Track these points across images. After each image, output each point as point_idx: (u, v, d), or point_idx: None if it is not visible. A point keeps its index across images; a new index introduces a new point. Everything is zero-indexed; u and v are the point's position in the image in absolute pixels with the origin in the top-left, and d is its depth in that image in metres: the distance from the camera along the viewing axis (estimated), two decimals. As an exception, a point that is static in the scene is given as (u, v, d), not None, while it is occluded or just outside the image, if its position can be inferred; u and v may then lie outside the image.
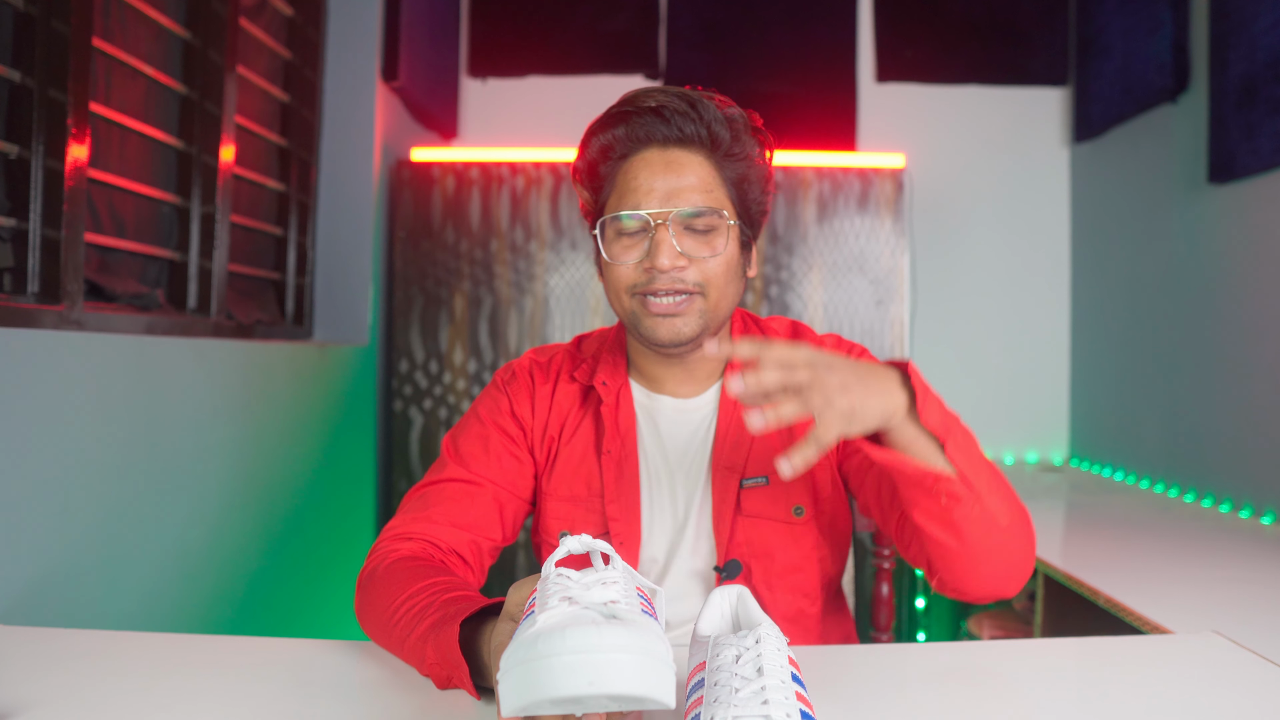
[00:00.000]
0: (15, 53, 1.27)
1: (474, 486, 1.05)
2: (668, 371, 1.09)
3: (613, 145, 1.02)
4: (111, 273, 1.53)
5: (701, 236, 1.00)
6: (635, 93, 1.03)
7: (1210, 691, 0.83)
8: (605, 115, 1.03)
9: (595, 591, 0.64)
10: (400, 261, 2.58)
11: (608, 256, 1.01)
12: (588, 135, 1.05)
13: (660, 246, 0.97)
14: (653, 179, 0.99)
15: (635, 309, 1.02)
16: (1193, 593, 1.42)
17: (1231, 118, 2.06)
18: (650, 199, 0.99)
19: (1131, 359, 2.64)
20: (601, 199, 1.05)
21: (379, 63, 2.38)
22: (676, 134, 1.00)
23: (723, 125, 1.00)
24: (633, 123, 1.00)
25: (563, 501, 1.08)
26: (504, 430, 1.09)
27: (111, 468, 1.33)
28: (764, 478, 1.06)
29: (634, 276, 1.00)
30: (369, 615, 0.91)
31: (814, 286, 2.62)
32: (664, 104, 1.00)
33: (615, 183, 1.03)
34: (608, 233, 1.02)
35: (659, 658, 0.60)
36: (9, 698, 0.77)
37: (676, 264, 0.98)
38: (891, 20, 3.03)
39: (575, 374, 1.11)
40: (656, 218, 0.98)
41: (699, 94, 1.02)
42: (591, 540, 0.71)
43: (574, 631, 0.58)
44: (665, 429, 1.10)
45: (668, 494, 1.08)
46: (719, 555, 1.06)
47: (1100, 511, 2.16)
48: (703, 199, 0.99)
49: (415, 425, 2.57)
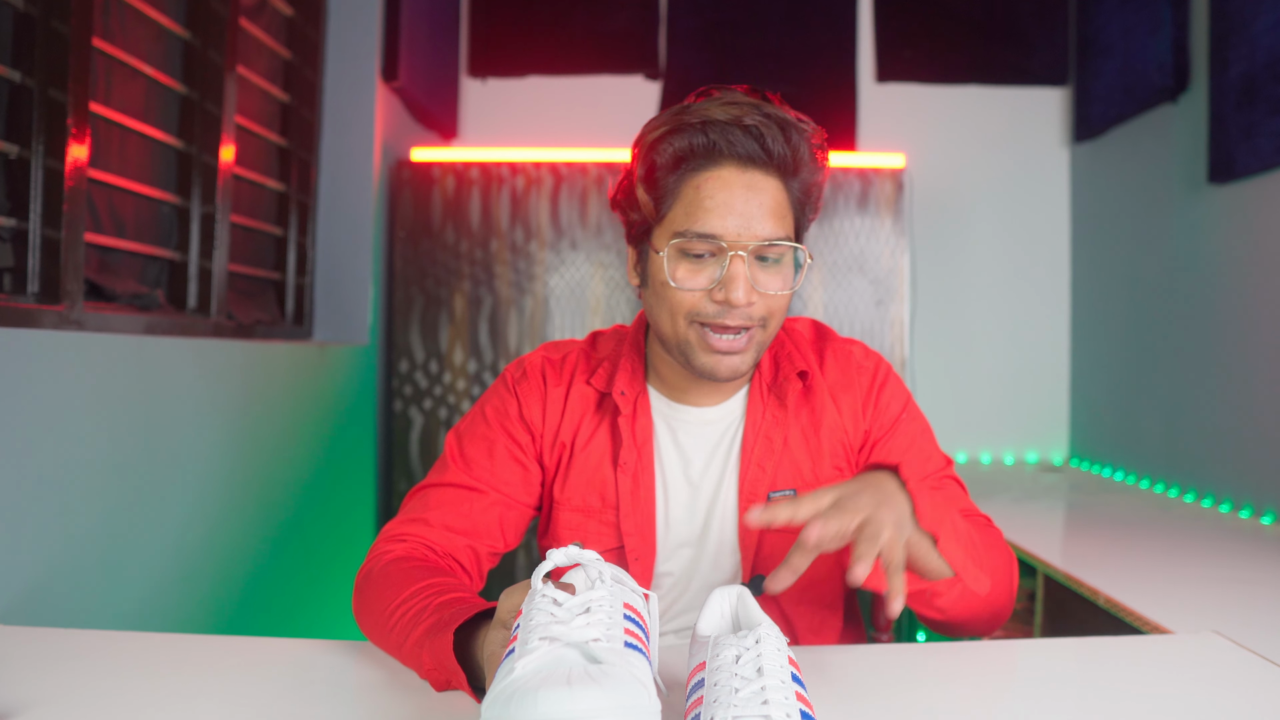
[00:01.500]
0: (15, 53, 1.26)
1: (475, 493, 1.02)
2: (693, 383, 1.04)
3: (688, 155, 0.93)
4: (111, 273, 1.53)
5: (773, 268, 0.95)
6: (712, 101, 0.94)
7: (1210, 691, 0.83)
8: (678, 121, 0.94)
9: (578, 629, 0.64)
10: (400, 261, 2.58)
11: (672, 280, 0.94)
12: (658, 139, 0.95)
13: (736, 280, 0.91)
14: (732, 200, 0.92)
15: (691, 339, 0.95)
16: (1193, 593, 1.41)
17: (1231, 118, 2.06)
18: (728, 223, 0.91)
19: (1131, 359, 2.64)
20: (663, 210, 0.95)
21: (379, 63, 2.38)
22: (760, 153, 0.92)
23: (805, 146, 0.94)
24: (712, 133, 0.92)
25: (575, 512, 1.04)
26: (511, 435, 1.04)
27: (111, 468, 1.33)
28: (792, 490, 1.03)
29: (699, 305, 0.94)
30: (366, 617, 0.91)
31: (814, 286, 2.62)
32: (757, 121, 0.91)
33: (682, 196, 0.94)
34: (672, 251, 0.94)
35: (636, 710, 0.58)
36: (9, 698, 0.77)
37: (750, 300, 0.93)
38: (891, 20, 3.03)
39: (591, 379, 1.05)
40: (733, 246, 0.91)
41: (782, 112, 0.94)
42: (578, 552, 0.70)
43: (546, 695, 0.57)
44: (685, 440, 1.05)
45: (686, 507, 1.05)
46: (744, 570, 1.03)
47: (1100, 511, 2.16)
48: (778, 225, 0.93)
49: (415, 425, 2.57)
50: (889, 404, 1.07)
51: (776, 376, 1.05)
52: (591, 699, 0.57)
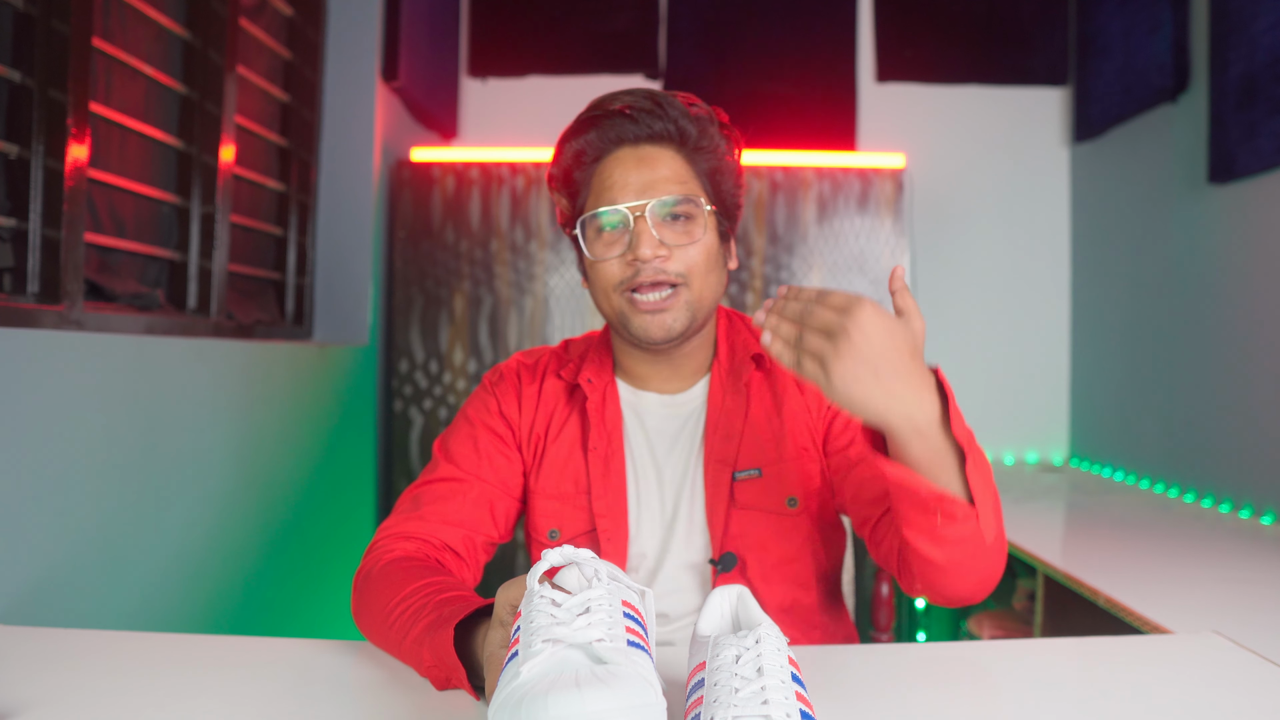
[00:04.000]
0: (15, 53, 1.27)
1: (464, 484, 1.06)
2: (653, 369, 1.11)
3: (585, 150, 1.05)
4: (111, 273, 1.53)
5: (680, 225, 1.02)
6: (601, 98, 1.06)
7: (1210, 691, 0.83)
8: (575, 122, 1.06)
9: (580, 629, 0.64)
10: (400, 261, 2.58)
11: (590, 255, 1.03)
12: (560, 143, 1.07)
13: (641, 237, 0.99)
14: (627, 175, 1.02)
15: (623, 308, 1.03)
16: (1193, 593, 1.42)
17: (1231, 118, 2.06)
18: (626, 193, 1.01)
19: (1131, 359, 2.64)
20: (579, 203, 1.07)
21: (379, 63, 2.38)
22: (646, 131, 1.03)
23: (689, 121, 1.03)
24: (602, 125, 1.03)
25: (550, 499, 1.09)
26: (492, 429, 1.10)
27: (111, 468, 1.33)
28: (757, 470, 1.07)
29: (619, 272, 1.02)
30: (365, 617, 0.92)
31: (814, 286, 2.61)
32: (630, 104, 1.03)
33: (591, 185, 1.05)
34: (588, 232, 1.04)
35: (645, 709, 0.59)
36: (9, 698, 0.77)
37: (659, 253, 1.00)
38: (891, 20, 3.03)
39: (561, 372, 1.13)
40: (634, 210, 1.00)
41: (663, 93, 1.05)
42: (573, 552, 0.70)
43: (556, 698, 0.57)
44: (652, 424, 1.11)
45: (656, 489, 1.09)
46: (713, 548, 1.06)
47: (1100, 511, 2.16)
48: (677, 188, 1.02)
49: (415, 425, 2.57)
50: None
51: (733, 363, 1.11)
52: (602, 700, 0.57)
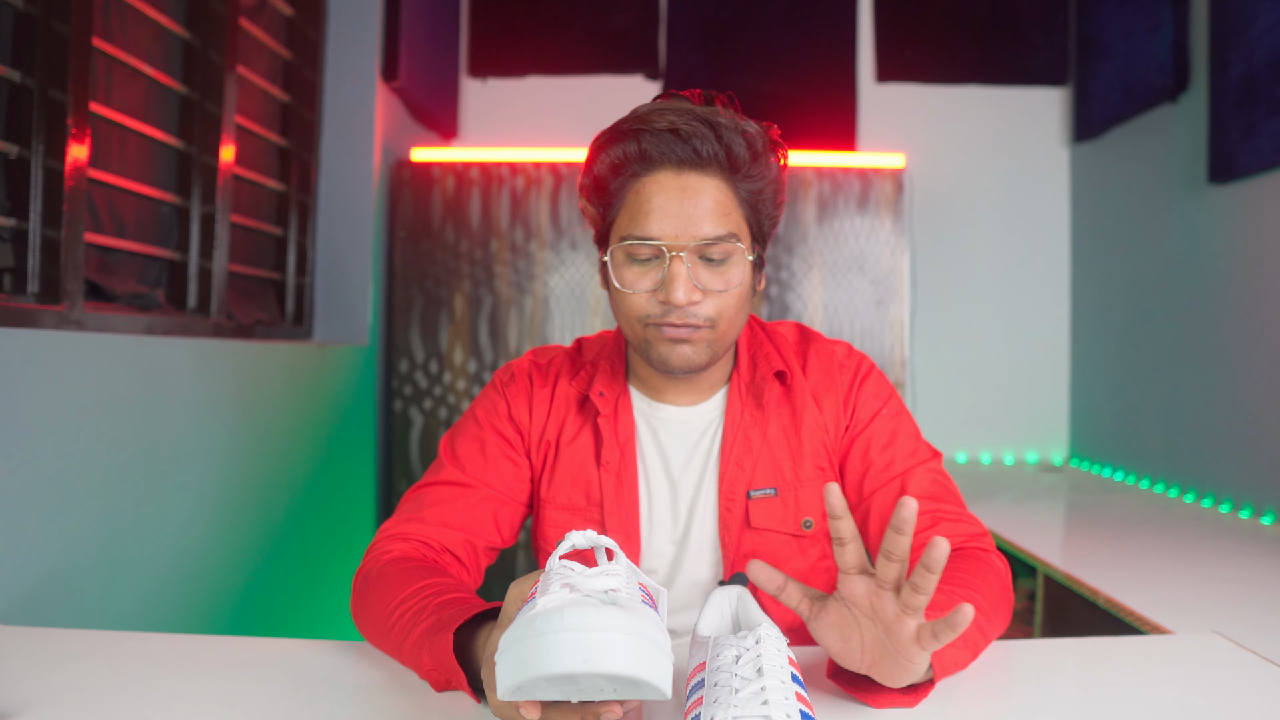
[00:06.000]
0: (15, 53, 1.27)
1: (470, 489, 1.04)
2: (670, 382, 1.06)
3: (623, 163, 0.96)
4: (111, 273, 1.53)
5: (717, 267, 0.96)
6: (649, 109, 0.97)
7: (1210, 691, 0.83)
8: (616, 130, 0.97)
9: (597, 581, 0.65)
10: (400, 261, 2.58)
11: (619, 284, 0.97)
12: (596, 148, 0.99)
13: (675, 280, 0.93)
14: (668, 203, 0.94)
15: (649, 336, 0.98)
16: (1193, 593, 1.41)
17: (1231, 118, 2.06)
18: (665, 225, 0.94)
19: (1131, 359, 2.64)
20: (610, 217, 0.99)
21: (379, 63, 2.38)
22: (692, 156, 0.94)
23: (741, 145, 0.95)
24: (645, 140, 0.94)
25: (561, 510, 1.07)
26: (501, 434, 1.07)
27: (111, 468, 1.33)
28: (772, 489, 1.04)
29: (647, 307, 0.96)
30: (365, 618, 0.91)
31: (814, 286, 2.61)
32: (678, 124, 0.94)
33: (625, 202, 0.97)
34: (618, 256, 0.97)
35: (656, 643, 0.60)
36: (9, 698, 0.77)
37: (692, 298, 0.94)
38: (891, 20, 3.03)
39: (573, 381, 1.09)
40: (671, 248, 0.93)
41: (717, 112, 0.96)
42: (597, 536, 0.71)
43: (572, 611, 0.59)
44: (666, 439, 1.08)
45: (669, 505, 1.07)
46: (725, 568, 1.04)
47: (1100, 511, 2.16)
48: (719, 224, 0.94)
49: (415, 425, 2.57)
50: (869, 399, 1.07)
51: (754, 377, 1.07)
52: (615, 618, 0.59)
